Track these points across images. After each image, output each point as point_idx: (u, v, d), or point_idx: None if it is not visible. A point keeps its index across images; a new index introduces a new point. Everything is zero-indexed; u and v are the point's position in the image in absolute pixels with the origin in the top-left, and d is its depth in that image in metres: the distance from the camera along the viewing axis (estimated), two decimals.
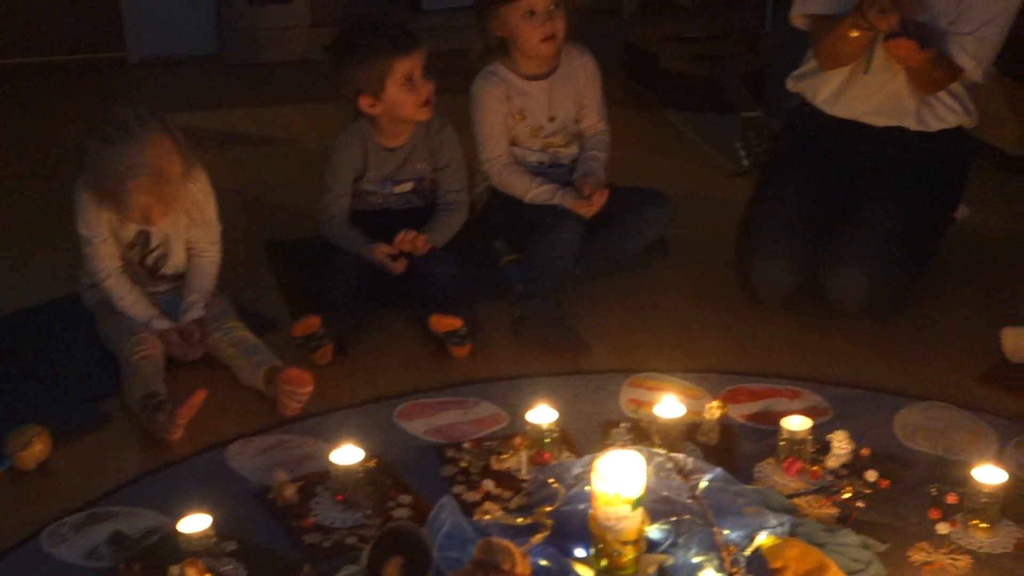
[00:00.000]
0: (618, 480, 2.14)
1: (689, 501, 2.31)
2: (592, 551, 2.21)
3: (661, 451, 2.46)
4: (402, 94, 3.25)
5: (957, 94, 3.31)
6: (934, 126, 3.32)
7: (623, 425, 2.72)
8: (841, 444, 2.59)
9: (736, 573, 2.13)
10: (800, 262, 3.19)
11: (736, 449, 2.67)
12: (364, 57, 3.25)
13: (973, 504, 2.40)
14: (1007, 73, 4.23)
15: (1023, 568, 2.31)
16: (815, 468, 2.56)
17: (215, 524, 2.30)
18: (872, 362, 3.05)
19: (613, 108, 3.71)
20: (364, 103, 3.28)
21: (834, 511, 2.44)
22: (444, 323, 3.00)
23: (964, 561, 2.32)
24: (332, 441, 2.54)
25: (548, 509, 2.32)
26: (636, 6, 5.77)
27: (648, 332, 3.19)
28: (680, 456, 2.44)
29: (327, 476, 2.50)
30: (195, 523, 2.27)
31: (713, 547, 2.22)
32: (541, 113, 3.49)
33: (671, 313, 3.29)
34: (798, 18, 3.32)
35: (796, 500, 2.46)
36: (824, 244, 3.19)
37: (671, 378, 2.92)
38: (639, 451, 2.27)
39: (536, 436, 2.58)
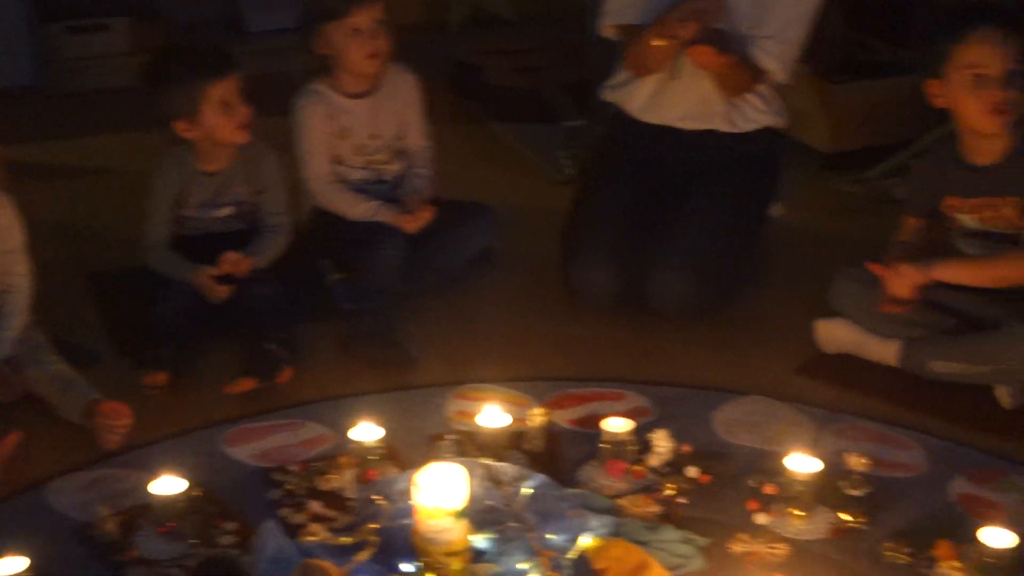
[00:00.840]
0: (438, 492, 2.15)
1: (512, 509, 2.33)
2: (418, 565, 2.22)
3: (485, 461, 2.48)
4: (218, 118, 3.23)
5: (764, 95, 3.41)
6: (745, 127, 3.42)
7: (449, 437, 2.73)
8: (662, 443, 2.65)
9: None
10: (622, 267, 3.25)
11: (561, 454, 2.70)
12: (177, 82, 3.22)
13: (789, 493, 2.47)
14: (818, 73, 4.37)
15: (838, 552, 2.39)
16: (638, 468, 2.61)
17: (34, 566, 2.24)
18: (694, 361, 3.12)
19: (439, 123, 3.74)
20: (180, 128, 3.25)
21: (657, 509, 2.49)
22: (237, 388, 2.98)
23: (782, 549, 2.38)
24: (156, 472, 2.49)
25: (374, 526, 2.32)
26: (461, 21, 5.81)
27: (476, 343, 3.21)
28: (503, 465, 2.46)
29: (150, 508, 2.46)
30: (10, 566, 2.21)
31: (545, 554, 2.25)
32: (364, 131, 3.49)
33: (498, 323, 3.32)
34: (607, 28, 3.39)
35: (619, 500, 2.50)
36: (645, 248, 3.26)
37: (497, 388, 2.94)
38: (462, 462, 2.29)
39: (361, 454, 2.58)
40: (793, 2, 3.26)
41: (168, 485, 2.43)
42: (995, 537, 2.26)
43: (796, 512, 2.46)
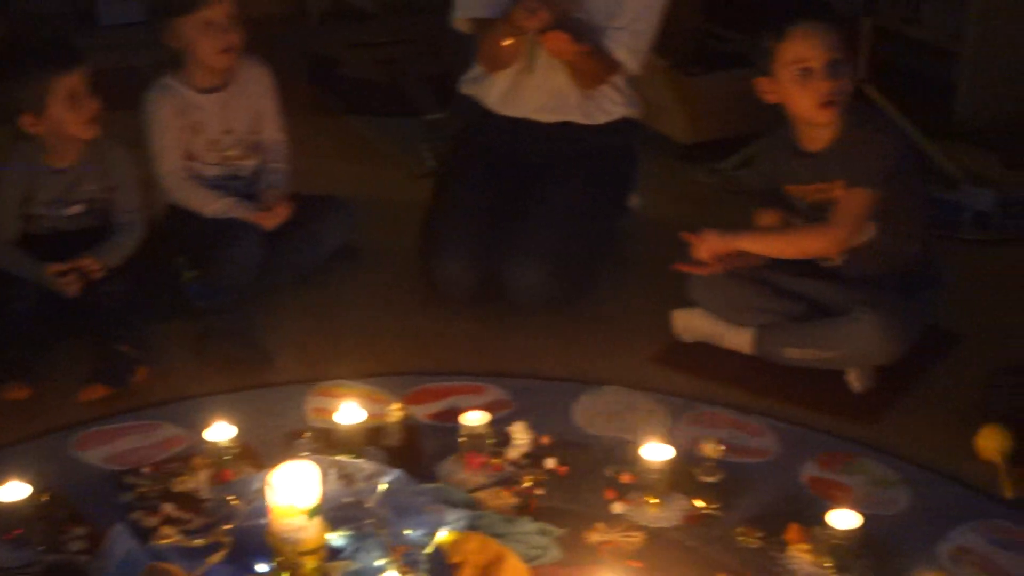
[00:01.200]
0: (292, 491, 2.13)
1: (368, 506, 2.32)
2: (273, 565, 2.19)
3: (342, 458, 2.46)
4: (65, 112, 3.15)
5: (619, 87, 3.44)
6: (600, 119, 3.44)
7: (307, 435, 2.71)
8: (520, 435, 2.66)
9: (407, 572, 2.15)
10: (480, 260, 3.25)
11: (420, 449, 2.70)
12: (23, 75, 3.14)
13: (644, 481, 2.50)
14: (675, 65, 4.43)
15: (692, 539, 2.43)
16: (496, 461, 2.61)
17: None
18: (553, 353, 3.14)
19: (298, 116, 3.70)
20: (27, 123, 3.17)
21: (514, 501, 2.50)
22: (87, 396, 2.91)
23: (638, 537, 2.41)
24: (2, 478, 2.43)
25: (227, 527, 2.29)
26: (321, 13, 5.76)
27: (334, 340, 3.19)
28: (359, 461, 2.45)
29: None
30: None
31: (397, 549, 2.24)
32: (217, 126, 3.44)
33: (357, 319, 3.30)
34: (460, 22, 3.39)
35: (478, 494, 2.51)
36: (502, 241, 3.26)
37: (356, 384, 2.93)
38: (318, 460, 2.27)
39: (215, 454, 2.54)
40: None
41: (13, 491, 2.37)
42: (842, 519, 2.31)
43: (651, 500, 2.49)
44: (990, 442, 2.68)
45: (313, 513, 2.14)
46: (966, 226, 3.80)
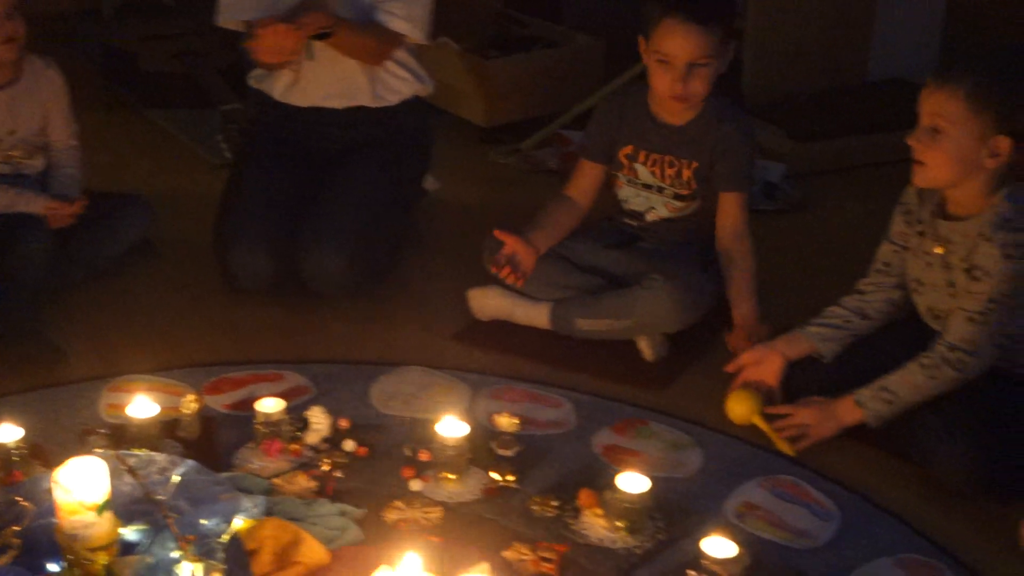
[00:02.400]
0: (79, 487, 2.10)
1: (161, 498, 2.30)
2: (64, 564, 2.16)
3: (135, 452, 2.43)
4: None
5: (404, 62, 3.43)
6: (391, 99, 3.44)
7: (100, 431, 2.67)
8: (318, 419, 2.66)
9: (201, 562, 2.14)
10: (275, 248, 3.23)
11: (217, 439, 2.68)
12: None
13: (441, 458, 2.54)
14: (472, 49, 4.48)
15: (490, 512, 2.47)
16: (295, 446, 2.62)
17: None
18: (353, 337, 3.15)
19: (94, 113, 3.65)
20: None
21: (313, 485, 2.51)
22: None
23: (436, 512, 2.44)
24: None
25: (16, 528, 2.24)
26: (116, 7, 5.63)
27: (131, 334, 3.14)
28: (152, 455, 2.42)
29: None
30: None
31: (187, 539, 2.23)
32: (0, 126, 3.34)
33: (154, 312, 3.26)
34: (226, 23, 3.37)
35: (276, 480, 2.51)
36: (298, 229, 3.25)
37: (152, 378, 2.90)
38: (105, 455, 2.24)
39: (3, 455, 2.48)
40: None
41: None
42: (630, 482, 2.38)
43: (449, 476, 2.53)
44: (742, 406, 2.79)
45: (102, 508, 2.12)
46: (756, 197, 3.92)
